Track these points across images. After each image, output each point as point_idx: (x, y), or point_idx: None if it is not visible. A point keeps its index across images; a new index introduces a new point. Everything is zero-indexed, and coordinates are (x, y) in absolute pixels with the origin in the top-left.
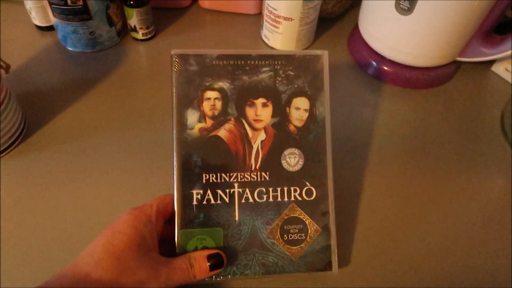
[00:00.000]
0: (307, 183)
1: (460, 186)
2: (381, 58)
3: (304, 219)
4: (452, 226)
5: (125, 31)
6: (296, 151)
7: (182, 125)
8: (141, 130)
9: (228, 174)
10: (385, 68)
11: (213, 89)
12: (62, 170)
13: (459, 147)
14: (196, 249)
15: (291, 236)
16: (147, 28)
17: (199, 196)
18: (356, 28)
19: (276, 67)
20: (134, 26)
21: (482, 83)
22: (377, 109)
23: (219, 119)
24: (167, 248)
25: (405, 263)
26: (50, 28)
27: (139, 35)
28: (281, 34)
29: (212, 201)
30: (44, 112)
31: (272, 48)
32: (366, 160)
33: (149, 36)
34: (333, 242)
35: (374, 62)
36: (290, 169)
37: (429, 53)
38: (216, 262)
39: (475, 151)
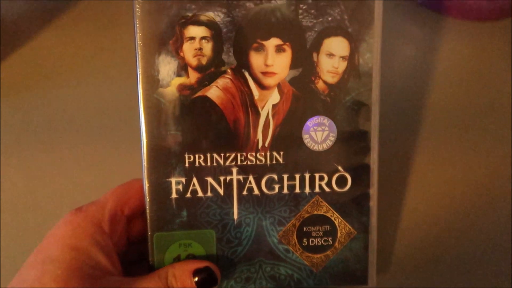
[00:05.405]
0: (340, 168)
1: None
2: None
3: (332, 218)
4: None
5: None
6: (326, 120)
7: (151, 80)
8: (117, 80)
9: (222, 155)
10: None
11: (198, 23)
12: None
13: None
14: (178, 259)
15: (312, 241)
16: None
17: (180, 187)
18: None
19: None
20: None
21: None
22: (428, 51)
23: (209, 72)
24: (142, 251)
25: (465, 267)
26: None
27: None
28: None
29: (200, 193)
30: None
31: None
32: (415, 127)
33: None
34: (372, 249)
35: None
36: (316, 147)
37: None
38: (205, 278)
39: None
